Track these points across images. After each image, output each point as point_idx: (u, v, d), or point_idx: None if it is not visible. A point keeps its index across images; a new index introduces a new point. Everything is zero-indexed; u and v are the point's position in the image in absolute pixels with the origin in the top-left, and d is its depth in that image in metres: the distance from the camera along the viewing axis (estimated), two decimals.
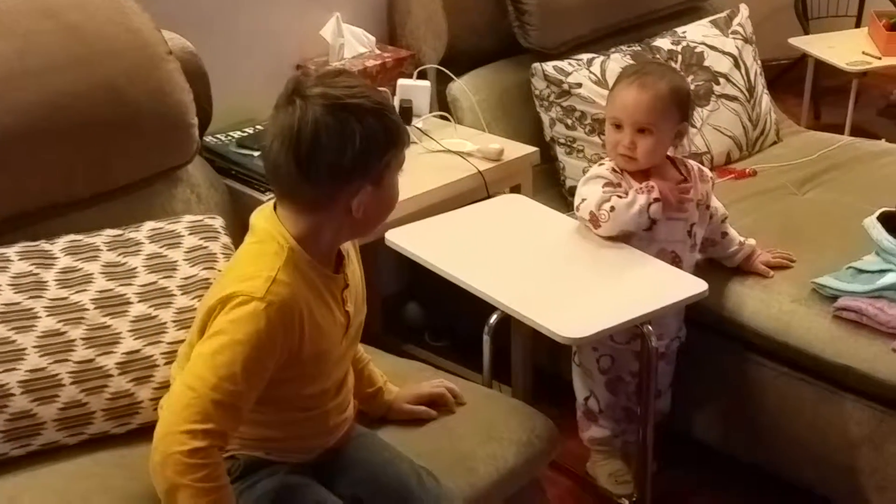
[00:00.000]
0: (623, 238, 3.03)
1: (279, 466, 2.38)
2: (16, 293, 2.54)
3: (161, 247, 2.74)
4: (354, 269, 2.45)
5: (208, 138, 3.39)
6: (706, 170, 3.26)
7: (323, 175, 2.17)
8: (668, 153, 3.15)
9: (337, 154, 2.15)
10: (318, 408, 2.40)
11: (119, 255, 2.69)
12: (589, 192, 3.04)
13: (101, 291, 2.61)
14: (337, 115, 2.15)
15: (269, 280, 2.18)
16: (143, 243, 2.74)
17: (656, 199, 3.00)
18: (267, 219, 2.29)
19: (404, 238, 3.07)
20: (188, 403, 2.12)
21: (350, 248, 2.44)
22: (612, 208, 2.97)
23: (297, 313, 2.20)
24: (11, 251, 2.62)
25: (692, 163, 3.21)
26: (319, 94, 2.16)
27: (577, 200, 3.09)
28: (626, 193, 3.00)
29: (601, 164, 3.12)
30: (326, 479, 2.43)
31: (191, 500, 2.09)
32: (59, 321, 2.54)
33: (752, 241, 3.31)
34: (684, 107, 3.09)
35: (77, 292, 2.59)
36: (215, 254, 2.77)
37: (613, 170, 3.08)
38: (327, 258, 2.33)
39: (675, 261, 3.10)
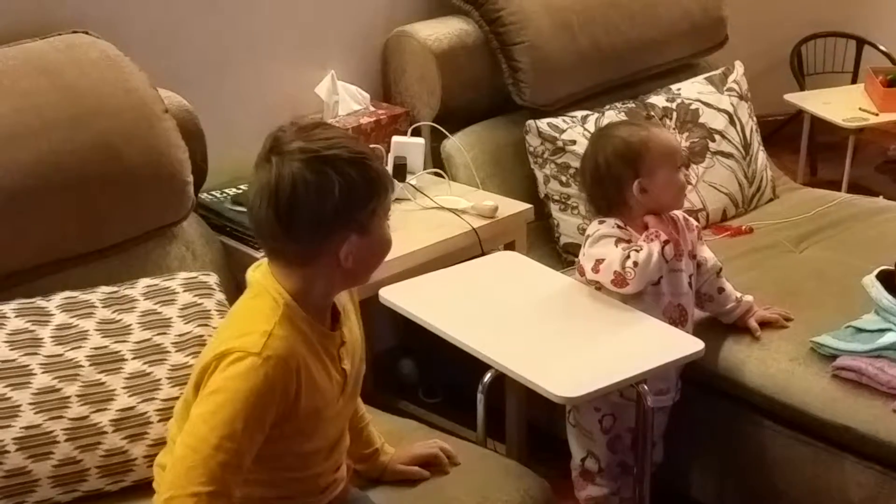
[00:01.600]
0: (634, 295, 3.03)
1: None
2: (11, 350, 2.54)
3: (156, 303, 2.74)
4: (352, 326, 2.44)
5: (203, 195, 3.40)
6: (691, 219, 3.27)
7: (305, 230, 2.17)
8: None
9: (317, 207, 2.14)
10: (309, 469, 2.38)
11: (114, 311, 2.69)
12: (604, 253, 3.03)
13: (95, 348, 2.61)
14: (314, 168, 2.13)
15: (266, 335, 2.17)
16: (137, 300, 2.74)
17: (666, 242, 3.02)
18: (263, 274, 2.29)
19: (398, 295, 3.07)
20: (192, 465, 2.10)
21: (348, 303, 2.43)
22: (636, 263, 2.97)
23: (294, 367, 2.19)
24: (8, 308, 2.63)
25: (677, 213, 3.21)
26: (297, 148, 2.15)
27: (587, 263, 3.07)
28: (640, 247, 3.01)
29: (602, 223, 3.11)
30: None
31: None
32: (55, 378, 2.54)
33: (749, 298, 3.30)
34: None
35: (72, 349, 2.60)
36: (210, 310, 2.77)
37: (618, 226, 3.08)
38: (322, 313, 2.31)
39: (683, 314, 3.12)
